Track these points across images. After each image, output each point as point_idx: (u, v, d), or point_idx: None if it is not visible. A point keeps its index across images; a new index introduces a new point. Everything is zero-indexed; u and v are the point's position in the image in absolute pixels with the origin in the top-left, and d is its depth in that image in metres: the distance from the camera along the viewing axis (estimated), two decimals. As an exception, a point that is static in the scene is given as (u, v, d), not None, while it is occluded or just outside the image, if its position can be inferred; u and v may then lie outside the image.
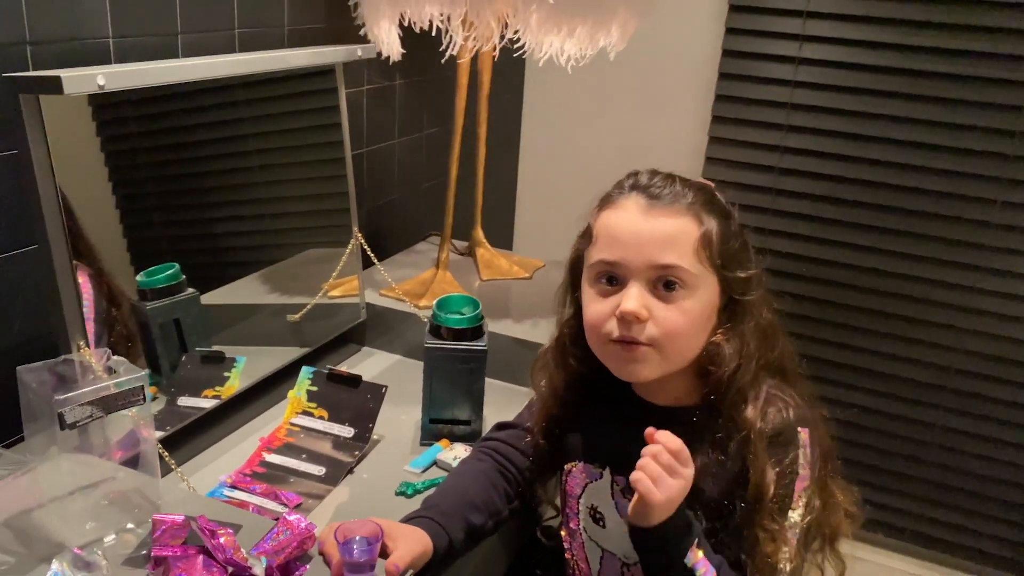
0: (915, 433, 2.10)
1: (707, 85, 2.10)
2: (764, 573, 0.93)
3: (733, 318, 0.97)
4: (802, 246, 2.09)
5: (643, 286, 0.94)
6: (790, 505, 0.94)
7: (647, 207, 0.95)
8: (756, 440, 0.94)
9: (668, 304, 0.93)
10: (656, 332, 0.93)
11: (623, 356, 0.96)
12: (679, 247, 0.93)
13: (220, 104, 1.31)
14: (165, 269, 1.21)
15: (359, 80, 1.69)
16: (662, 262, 0.93)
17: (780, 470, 0.94)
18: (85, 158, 1.10)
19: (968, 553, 2.14)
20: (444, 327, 1.25)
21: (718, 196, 1.00)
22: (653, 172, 1.00)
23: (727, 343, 0.96)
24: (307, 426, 1.24)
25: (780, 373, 1.01)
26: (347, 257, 1.50)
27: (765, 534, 0.93)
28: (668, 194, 0.95)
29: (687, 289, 0.93)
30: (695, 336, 0.96)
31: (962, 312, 1.99)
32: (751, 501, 0.93)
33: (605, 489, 1.03)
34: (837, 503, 1.00)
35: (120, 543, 0.89)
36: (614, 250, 0.95)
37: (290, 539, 0.85)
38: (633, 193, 0.97)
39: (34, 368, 0.88)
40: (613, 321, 0.95)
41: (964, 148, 1.90)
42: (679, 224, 0.94)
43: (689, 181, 0.99)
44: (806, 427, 0.96)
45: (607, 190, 1.02)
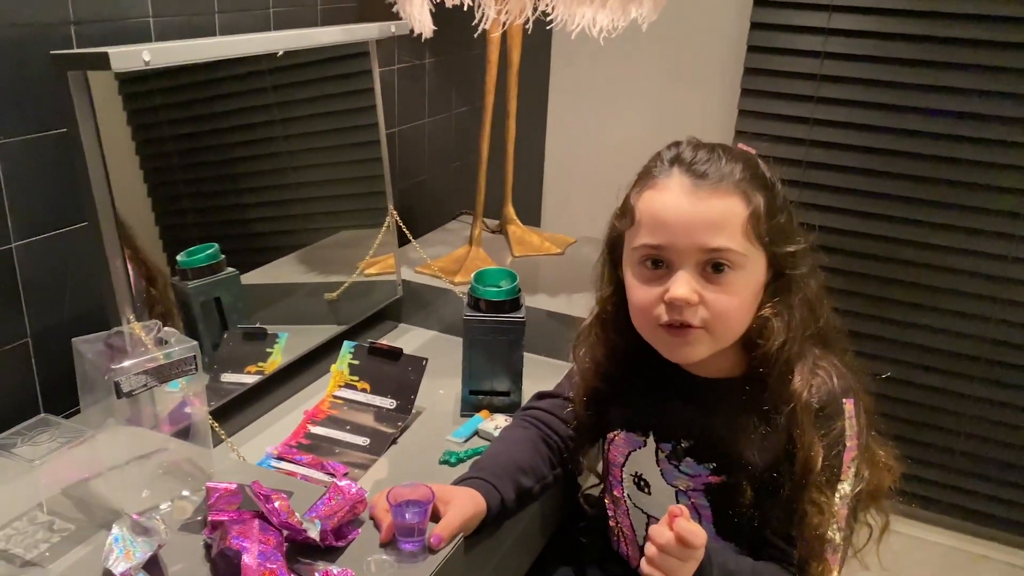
0: (950, 404, 2.09)
1: (736, 59, 2.09)
2: (813, 546, 0.93)
3: (780, 291, 0.95)
4: (834, 218, 2.07)
5: (691, 269, 0.91)
6: (839, 477, 0.93)
7: (692, 188, 0.91)
8: (803, 413, 0.93)
9: (718, 286, 0.91)
10: (707, 315, 0.92)
11: (673, 340, 0.94)
12: (728, 229, 0.90)
13: (255, 90, 1.32)
14: (205, 249, 1.22)
15: (389, 59, 1.70)
16: (711, 245, 0.90)
17: (828, 442, 0.93)
18: (123, 140, 1.11)
19: (1004, 525, 2.12)
20: (483, 300, 1.26)
21: (762, 167, 0.96)
22: (695, 144, 0.96)
23: (776, 317, 0.94)
24: (350, 399, 1.26)
25: (824, 343, 1.00)
26: (382, 235, 1.51)
27: (813, 507, 0.93)
28: (714, 172, 0.91)
29: (736, 270, 0.91)
30: (745, 315, 0.94)
31: (997, 282, 1.96)
32: (799, 475, 0.93)
33: (650, 456, 1.04)
34: (879, 461, 1.00)
35: (176, 510, 0.91)
36: (660, 234, 0.92)
37: (342, 503, 0.87)
38: (676, 170, 0.93)
39: (89, 339, 0.90)
40: (661, 306, 0.93)
41: (1001, 116, 1.87)
42: (727, 205, 0.90)
43: (732, 151, 0.96)
44: (851, 397, 0.95)
45: (645, 163, 0.99)
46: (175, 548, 0.84)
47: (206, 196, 1.27)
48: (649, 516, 1.06)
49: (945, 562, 2.11)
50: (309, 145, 1.43)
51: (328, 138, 1.46)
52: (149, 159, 1.15)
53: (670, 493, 1.02)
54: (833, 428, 0.94)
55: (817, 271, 1.00)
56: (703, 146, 0.96)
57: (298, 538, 0.84)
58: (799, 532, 0.94)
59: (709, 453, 0.99)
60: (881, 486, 1.00)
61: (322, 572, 0.81)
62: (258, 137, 1.35)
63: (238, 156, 1.32)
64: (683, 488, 1.01)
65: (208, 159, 1.27)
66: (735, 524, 0.99)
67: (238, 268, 1.27)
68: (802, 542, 0.94)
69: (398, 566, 0.83)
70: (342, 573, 0.81)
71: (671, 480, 1.02)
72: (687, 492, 1.01)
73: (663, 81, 2.25)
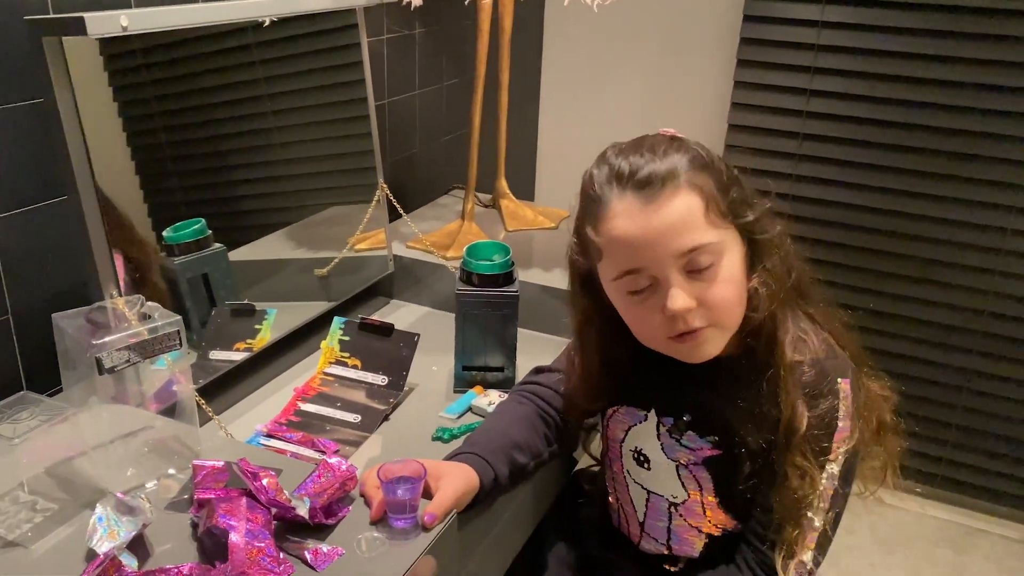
0: (947, 378, 2.08)
1: (732, 29, 2.06)
2: (790, 510, 0.92)
3: (758, 257, 0.94)
4: (830, 191, 2.05)
5: (678, 277, 0.88)
6: (827, 454, 0.92)
7: (643, 201, 0.88)
8: (786, 373, 0.92)
9: (709, 283, 0.89)
10: (711, 313, 0.90)
11: (685, 347, 0.92)
12: (693, 225, 0.88)
13: (243, 64, 1.29)
14: (191, 224, 1.20)
15: (379, 30, 1.66)
16: (685, 248, 0.87)
17: (817, 414, 0.92)
18: (107, 111, 1.08)
19: (1000, 498, 2.12)
20: (475, 274, 1.23)
21: (692, 147, 0.92)
22: (621, 149, 0.92)
23: (762, 286, 0.92)
24: (341, 375, 1.24)
25: (801, 295, 0.98)
26: (373, 210, 1.48)
27: (795, 470, 0.91)
28: (656, 177, 0.88)
29: (719, 259, 0.89)
30: (742, 295, 0.92)
31: (995, 254, 1.95)
32: (782, 437, 0.92)
33: (650, 431, 1.02)
34: (874, 398, 0.99)
35: (162, 488, 0.89)
36: (632, 259, 0.89)
37: (332, 481, 0.85)
38: (618, 189, 0.89)
39: (69, 315, 0.88)
40: (664, 321, 0.90)
41: (998, 85, 1.85)
42: (682, 203, 0.87)
43: (658, 143, 0.92)
44: (847, 377, 0.93)
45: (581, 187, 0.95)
46: (161, 527, 0.82)
47: (194, 173, 1.25)
48: (649, 492, 1.04)
49: (941, 536, 2.11)
50: (298, 120, 1.40)
51: (317, 112, 1.43)
52: (135, 133, 1.12)
53: (671, 467, 1.01)
54: (824, 402, 0.92)
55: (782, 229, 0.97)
56: (629, 150, 0.92)
57: (287, 516, 0.82)
58: (779, 496, 0.93)
59: (710, 426, 0.97)
60: (881, 420, 0.99)
61: (311, 550, 0.79)
62: (246, 113, 1.32)
63: (226, 132, 1.29)
64: (684, 462, 1.00)
65: (195, 135, 1.25)
66: (736, 496, 0.98)
67: (227, 245, 1.24)
68: (780, 506, 0.93)
69: (390, 543, 0.81)
70: (332, 551, 0.79)
71: (671, 454, 1.00)
72: (688, 465, 0.99)
73: (659, 51, 2.21)
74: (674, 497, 1.02)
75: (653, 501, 1.04)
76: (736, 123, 2.09)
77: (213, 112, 1.26)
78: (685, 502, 1.01)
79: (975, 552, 2.06)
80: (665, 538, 1.05)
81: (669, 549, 1.06)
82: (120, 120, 1.10)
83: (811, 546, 0.92)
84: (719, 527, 1.01)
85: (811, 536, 0.92)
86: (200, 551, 0.80)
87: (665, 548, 1.06)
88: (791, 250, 0.97)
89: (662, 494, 1.03)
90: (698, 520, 1.02)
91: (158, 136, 1.18)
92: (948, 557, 2.04)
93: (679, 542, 1.04)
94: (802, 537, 0.92)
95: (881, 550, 2.05)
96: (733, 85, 2.08)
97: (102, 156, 1.02)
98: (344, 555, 0.79)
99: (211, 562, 0.77)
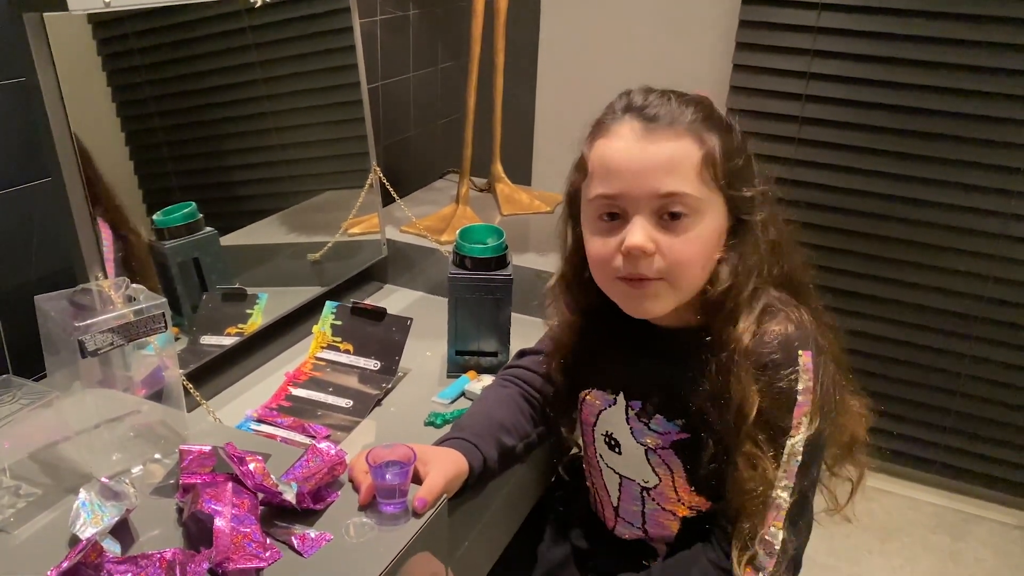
0: (946, 364, 2.07)
1: (731, 10, 2.03)
2: (743, 503, 0.89)
3: (738, 236, 0.92)
4: (829, 175, 2.03)
5: (647, 218, 0.87)
6: (785, 431, 0.87)
7: (643, 132, 0.88)
8: (740, 358, 0.88)
9: (675, 234, 0.87)
10: (665, 265, 0.88)
11: (632, 293, 0.91)
12: (682, 172, 0.87)
13: (235, 48, 1.28)
14: (181, 208, 1.19)
15: (372, 10, 1.64)
16: (665, 190, 0.86)
17: (773, 393, 0.88)
18: (97, 93, 1.07)
19: (997, 484, 2.11)
20: (468, 257, 1.22)
21: (716, 110, 0.93)
22: (647, 90, 0.92)
23: (723, 263, 0.91)
24: (333, 360, 1.23)
25: (789, 287, 0.96)
26: (366, 193, 1.47)
27: (745, 459, 0.88)
28: (665, 114, 0.88)
29: (693, 216, 0.87)
30: (705, 263, 0.90)
31: (994, 239, 1.93)
32: (732, 424, 0.89)
33: (619, 415, 1.01)
34: (851, 411, 0.97)
35: (147, 473, 0.88)
36: (612, 183, 0.89)
37: (320, 466, 0.83)
38: (627, 116, 0.90)
39: (52, 297, 0.86)
40: (619, 258, 0.89)
41: (999, 68, 1.82)
42: (679, 147, 0.87)
43: (685, 96, 0.92)
44: (808, 349, 0.89)
45: (595, 119, 0.95)
46: (146, 512, 0.81)
47: (188, 158, 1.24)
48: (622, 476, 1.03)
49: (938, 521, 2.10)
50: (291, 105, 1.39)
51: (310, 96, 1.42)
52: (129, 118, 1.11)
53: (640, 452, 0.99)
54: (781, 378, 0.88)
55: (778, 218, 0.95)
56: (654, 91, 0.92)
57: (274, 501, 0.81)
58: (730, 487, 0.90)
59: (677, 409, 0.96)
60: (855, 437, 0.97)
61: (299, 536, 0.78)
62: (240, 97, 1.31)
63: (220, 116, 1.28)
64: (652, 446, 0.98)
65: (189, 119, 1.23)
66: (706, 479, 0.95)
67: (220, 230, 1.23)
68: (733, 497, 0.90)
69: (379, 529, 0.80)
70: (320, 536, 0.78)
71: (640, 438, 0.99)
72: (656, 450, 0.98)
73: (658, 32, 2.19)
74: (645, 482, 1.01)
75: (626, 485, 1.03)
76: (735, 107, 2.07)
77: (207, 97, 1.24)
78: (657, 486, 1.00)
79: (972, 538, 2.05)
80: (640, 522, 1.04)
81: (645, 533, 1.04)
82: (114, 105, 1.09)
83: (778, 524, 0.87)
84: (694, 509, 1.00)
85: (775, 515, 0.87)
86: (185, 536, 0.79)
87: (641, 532, 1.05)
88: (787, 244, 0.95)
89: (634, 479, 1.02)
90: (672, 504, 1.00)
91: (152, 121, 1.17)
92: (945, 543, 2.03)
93: (654, 526, 1.03)
94: (761, 523, 0.88)
95: (878, 537, 2.04)
96: (732, 68, 2.05)
97: (92, 138, 1.01)
98: (332, 540, 0.78)
99: (196, 547, 0.76)
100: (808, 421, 0.87)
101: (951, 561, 1.99)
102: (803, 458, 0.87)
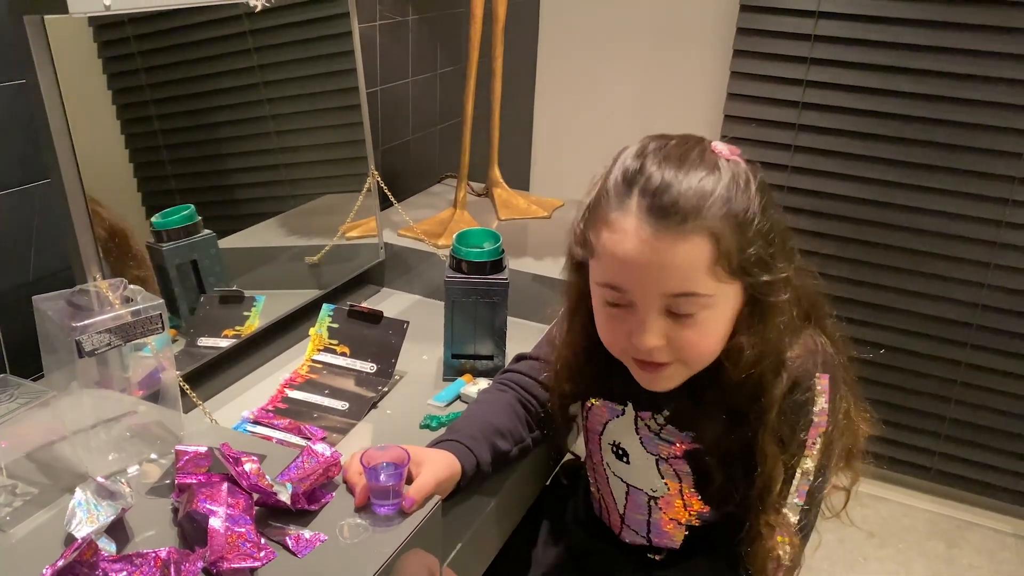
0: (941, 371, 2.08)
1: (729, 17, 2.04)
2: (764, 563, 0.90)
3: (757, 316, 0.88)
4: (825, 182, 2.04)
5: (656, 312, 0.85)
6: (803, 454, 0.89)
7: (653, 231, 0.81)
8: (766, 435, 0.88)
9: (686, 327, 0.85)
10: (678, 353, 0.87)
11: (645, 374, 0.91)
12: (693, 274, 0.83)
13: (234, 53, 1.28)
14: (180, 210, 1.19)
15: (371, 16, 1.65)
16: (675, 292, 0.84)
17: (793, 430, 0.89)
18: (99, 99, 1.08)
19: (993, 492, 2.12)
20: (465, 261, 1.22)
21: (739, 178, 0.84)
22: (662, 152, 0.84)
23: (749, 348, 0.87)
24: (329, 362, 1.23)
25: (806, 318, 0.95)
26: (364, 197, 1.47)
27: (768, 529, 0.89)
28: (679, 208, 0.81)
29: (705, 309, 0.85)
30: (718, 343, 0.89)
31: (991, 247, 1.94)
32: (756, 494, 0.90)
33: (628, 425, 1.01)
34: (855, 422, 0.97)
35: (143, 474, 0.88)
36: (620, 278, 0.86)
37: (315, 467, 0.84)
38: (635, 205, 0.83)
39: (50, 297, 0.86)
40: (631, 343, 0.88)
41: (995, 77, 1.84)
42: (692, 249, 0.82)
43: (706, 160, 0.84)
44: (826, 373, 0.90)
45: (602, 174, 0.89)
46: (142, 512, 0.82)
47: (188, 161, 1.24)
48: (629, 485, 1.03)
49: (932, 528, 2.11)
50: (291, 109, 1.39)
51: (310, 101, 1.42)
52: (130, 121, 1.11)
53: (650, 461, 1.00)
54: (797, 406, 0.89)
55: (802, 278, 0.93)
56: (671, 157, 0.84)
57: (269, 501, 0.81)
58: (750, 551, 0.91)
59: (689, 423, 0.96)
60: (856, 445, 0.97)
61: (293, 536, 0.78)
62: (241, 101, 1.32)
63: (220, 120, 1.28)
64: (664, 455, 0.98)
65: (189, 123, 1.24)
66: (718, 491, 0.97)
67: (219, 233, 1.24)
68: (754, 560, 0.91)
69: (372, 530, 0.80)
70: (314, 537, 0.79)
71: (651, 448, 0.99)
72: (668, 459, 0.98)
73: (656, 41, 2.20)
74: (653, 491, 1.01)
75: (632, 494, 1.03)
76: (732, 114, 2.08)
77: (207, 100, 1.25)
78: (665, 495, 1.00)
79: (966, 545, 2.06)
80: (645, 531, 1.04)
81: (649, 541, 1.05)
82: (115, 107, 1.10)
83: (785, 539, 0.90)
84: (700, 518, 1.00)
85: (783, 531, 0.90)
86: (180, 536, 0.79)
87: (645, 540, 1.05)
88: (803, 285, 0.92)
89: (641, 488, 1.02)
90: (678, 513, 1.01)
91: (151, 124, 1.18)
92: (940, 550, 2.04)
93: (659, 535, 1.03)
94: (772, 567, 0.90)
95: (873, 543, 2.05)
96: (729, 75, 2.07)
97: (92, 141, 1.01)
98: (326, 541, 0.78)
99: (191, 547, 0.76)
100: (823, 442, 0.89)
101: (945, 568, 1.99)
102: (814, 479, 0.89)
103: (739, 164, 0.87)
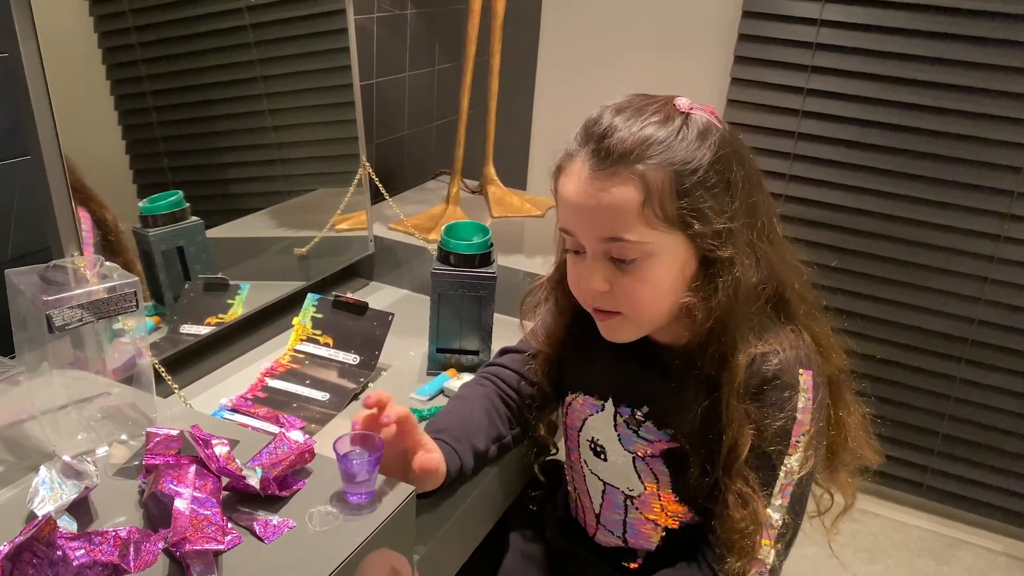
0: (935, 386, 2.06)
1: (731, 23, 2.03)
2: (733, 538, 0.88)
3: (708, 272, 0.87)
4: (824, 192, 2.03)
5: (601, 257, 0.87)
6: (784, 453, 0.87)
7: (590, 174, 0.85)
8: (734, 400, 0.87)
9: (627, 275, 0.86)
10: (619, 304, 0.89)
11: (601, 323, 0.93)
12: (622, 218, 0.84)
13: (231, 46, 1.28)
14: (168, 196, 1.18)
15: (368, 7, 1.64)
16: (607, 236, 0.85)
17: (771, 417, 0.87)
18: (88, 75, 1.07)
19: (984, 509, 2.10)
20: (453, 253, 1.21)
21: (686, 136, 0.84)
22: (622, 107, 0.87)
23: (698, 306, 0.87)
24: (312, 353, 1.21)
25: (786, 308, 0.93)
26: (355, 189, 1.46)
27: (735, 498, 0.87)
28: (614, 152, 0.83)
29: (643, 258, 0.85)
30: (664, 298, 0.88)
31: (988, 261, 1.93)
32: (724, 459, 0.88)
33: (607, 422, 0.99)
34: (856, 432, 0.96)
35: (113, 454, 0.86)
36: (567, 219, 0.89)
37: (288, 453, 0.82)
38: (583, 150, 0.86)
39: (23, 271, 0.85)
40: (579, 288, 0.91)
41: (995, 90, 1.83)
42: (620, 193, 0.83)
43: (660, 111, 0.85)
44: (809, 369, 0.88)
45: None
46: (109, 493, 0.80)
47: (181, 154, 1.23)
48: (605, 484, 1.02)
49: (923, 545, 2.09)
50: (285, 104, 1.38)
51: (305, 95, 1.41)
52: (125, 111, 1.11)
53: (628, 459, 0.98)
54: (780, 401, 0.87)
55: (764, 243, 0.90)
56: (627, 106, 0.87)
57: (238, 486, 0.79)
58: (721, 522, 0.89)
59: (668, 419, 0.94)
60: (844, 454, 0.96)
61: (261, 522, 0.76)
62: (237, 95, 1.31)
63: (215, 114, 1.28)
64: (641, 454, 0.97)
65: (184, 115, 1.23)
66: (693, 491, 0.94)
67: (208, 222, 1.22)
68: (723, 532, 0.89)
69: (342, 518, 0.78)
70: (282, 523, 0.77)
71: (628, 446, 0.97)
72: (645, 458, 0.96)
73: (657, 44, 2.19)
74: (630, 490, 0.99)
75: (609, 493, 1.01)
76: (732, 120, 2.06)
77: (205, 93, 1.25)
78: (641, 495, 0.98)
79: (956, 563, 2.03)
80: (621, 531, 1.02)
81: (625, 542, 1.03)
82: (113, 98, 1.10)
83: (769, 543, 0.88)
84: (677, 520, 0.98)
85: (767, 533, 0.88)
86: (145, 516, 0.77)
87: (621, 541, 1.03)
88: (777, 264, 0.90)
89: (618, 486, 1.00)
90: (655, 514, 0.99)
91: (150, 116, 1.17)
92: (929, 568, 2.01)
93: (635, 535, 1.01)
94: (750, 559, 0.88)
95: (862, 559, 2.02)
96: (730, 82, 2.05)
97: (81, 120, 1.01)
98: (294, 528, 0.76)
99: (155, 528, 0.74)
100: (806, 441, 0.87)
101: (935, 585, 1.97)
102: (797, 478, 0.87)
103: (699, 118, 0.86)
